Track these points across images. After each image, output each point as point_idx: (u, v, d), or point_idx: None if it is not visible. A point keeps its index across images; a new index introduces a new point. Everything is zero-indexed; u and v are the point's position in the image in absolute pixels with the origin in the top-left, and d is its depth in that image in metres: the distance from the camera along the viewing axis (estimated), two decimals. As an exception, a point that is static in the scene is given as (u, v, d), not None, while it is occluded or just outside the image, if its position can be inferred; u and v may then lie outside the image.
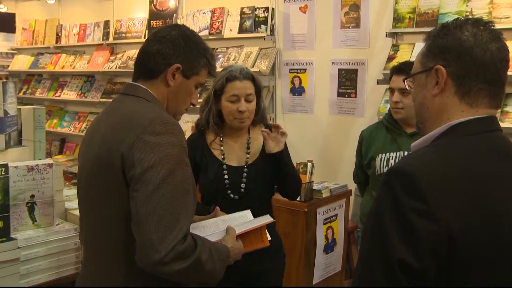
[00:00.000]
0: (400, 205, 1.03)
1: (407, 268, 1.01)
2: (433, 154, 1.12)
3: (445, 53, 1.14)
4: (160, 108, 1.52)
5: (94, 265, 1.53)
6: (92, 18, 5.76)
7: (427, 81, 1.18)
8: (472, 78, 1.12)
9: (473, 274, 1.05)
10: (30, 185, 1.94)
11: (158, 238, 1.30)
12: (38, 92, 6.20)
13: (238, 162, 2.26)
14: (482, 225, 1.04)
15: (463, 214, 1.03)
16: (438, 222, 1.00)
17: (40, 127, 2.23)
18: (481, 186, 1.06)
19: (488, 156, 1.11)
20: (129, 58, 5.19)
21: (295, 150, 3.95)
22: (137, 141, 1.37)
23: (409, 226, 1.01)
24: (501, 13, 3.06)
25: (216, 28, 4.47)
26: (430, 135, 1.18)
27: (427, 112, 1.20)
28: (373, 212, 1.10)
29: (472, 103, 1.13)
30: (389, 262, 1.02)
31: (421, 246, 1.00)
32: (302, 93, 4.15)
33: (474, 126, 1.13)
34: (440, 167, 1.07)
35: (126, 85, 1.61)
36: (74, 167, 5.35)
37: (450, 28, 1.16)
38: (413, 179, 1.03)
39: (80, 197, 1.58)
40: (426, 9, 3.35)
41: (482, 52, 1.11)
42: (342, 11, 3.88)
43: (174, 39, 1.54)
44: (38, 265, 1.87)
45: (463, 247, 1.02)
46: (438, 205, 1.01)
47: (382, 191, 1.09)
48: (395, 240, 1.02)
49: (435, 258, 1.01)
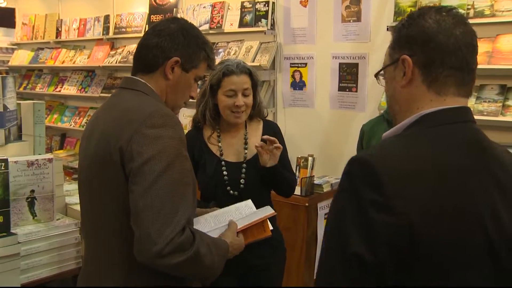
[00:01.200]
0: (359, 197, 0.98)
1: (361, 262, 0.96)
2: (398, 144, 1.08)
3: (410, 43, 1.12)
4: (159, 101, 1.52)
5: (95, 260, 1.52)
6: (92, 13, 5.74)
7: (396, 73, 1.16)
8: (438, 65, 1.09)
9: (434, 271, 0.99)
10: (30, 180, 1.94)
11: (156, 230, 1.30)
12: (38, 87, 6.19)
13: (237, 158, 2.25)
14: (446, 221, 0.99)
15: (426, 208, 0.97)
16: (398, 215, 0.95)
17: (40, 122, 2.23)
18: (447, 180, 1.01)
19: (458, 148, 1.06)
20: (129, 53, 5.17)
21: (296, 144, 3.96)
22: (136, 134, 1.36)
23: (367, 219, 0.96)
24: (503, 6, 3.04)
25: (216, 22, 4.45)
26: (401, 125, 1.13)
27: (397, 104, 1.17)
28: (333, 202, 1.06)
29: (440, 91, 1.10)
30: (344, 255, 0.97)
31: (378, 240, 0.95)
32: (303, 87, 4.14)
33: (443, 116, 1.09)
34: (404, 158, 1.02)
35: (125, 79, 1.60)
36: (74, 162, 5.35)
37: (414, 18, 1.14)
38: (374, 170, 0.99)
39: (81, 192, 1.58)
40: (427, 3, 3.32)
41: (446, 37, 1.09)
42: (343, 5, 3.86)
43: (173, 32, 1.53)
44: (38, 260, 1.87)
45: (425, 242, 0.97)
46: (399, 197, 0.96)
47: (342, 180, 1.05)
48: (351, 233, 0.97)
49: (393, 252, 0.96)
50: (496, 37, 3.10)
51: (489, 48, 3.08)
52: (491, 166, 1.09)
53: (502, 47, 3.04)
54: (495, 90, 3.12)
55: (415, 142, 1.06)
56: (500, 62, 3.00)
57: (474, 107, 3.10)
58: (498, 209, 1.07)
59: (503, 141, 3.13)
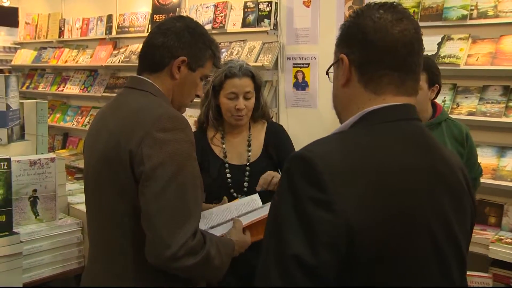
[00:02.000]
0: (298, 194, 0.94)
1: (301, 264, 0.90)
2: (339, 141, 1.04)
3: (349, 42, 1.10)
4: (165, 102, 1.51)
5: (102, 261, 1.52)
6: (95, 12, 5.75)
7: (338, 72, 1.13)
8: (373, 64, 1.06)
9: (376, 275, 0.94)
10: (33, 179, 1.94)
11: (169, 234, 1.31)
12: (41, 86, 6.20)
13: (240, 161, 2.25)
14: (387, 221, 0.94)
15: (366, 207, 0.93)
16: (336, 212, 0.91)
17: (42, 121, 2.23)
18: (389, 178, 0.97)
19: (402, 146, 1.03)
20: (132, 53, 5.18)
21: (298, 144, 3.93)
22: (146, 137, 1.36)
23: (306, 217, 0.92)
24: (507, 6, 3.03)
25: (219, 22, 4.45)
26: (345, 124, 1.10)
27: (340, 104, 1.15)
28: (273, 201, 1.01)
29: (376, 90, 1.06)
30: (283, 258, 0.92)
31: (318, 239, 0.90)
32: (305, 87, 4.13)
33: (386, 114, 1.05)
34: (344, 156, 0.98)
35: (130, 78, 1.59)
36: (77, 161, 5.36)
37: (357, 15, 1.10)
38: (313, 166, 0.94)
39: (87, 192, 1.58)
40: (430, 3, 3.32)
41: (382, 37, 1.05)
42: (346, 5, 3.86)
43: (179, 31, 1.52)
44: (40, 259, 1.87)
45: (363, 243, 0.92)
46: (338, 194, 0.92)
47: (281, 179, 1.01)
48: (290, 233, 0.92)
49: (334, 253, 0.91)
50: (500, 38, 3.09)
51: (493, 49, 3.08)
52: (438, 166, 1.05)
53: (506, 48, 3.03)
54: (498, 91, 3.10)
55: (358, 139, 1.03)
56: (503, 63, 2.99)
57: (477, 108, 3.09)
58: (446, 212, 1.03)
59: (506, 143, 3.12)
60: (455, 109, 3.16)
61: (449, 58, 3.16)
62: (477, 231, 2.93)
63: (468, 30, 3.23)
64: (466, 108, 3.14)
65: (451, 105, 3.19)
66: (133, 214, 1.39)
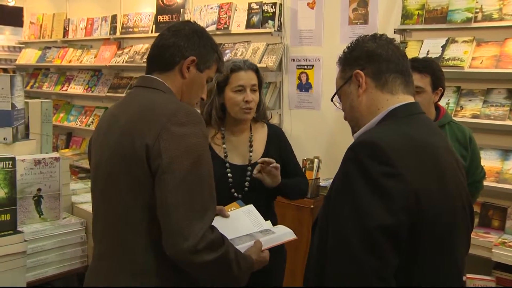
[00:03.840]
0: (370, 173, 1.15)
1: (385, 230, 1.12)
2: (387, 128, 1.28)
3: (358, 60, 1.36)
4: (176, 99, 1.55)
5: (109, 258, 1.52)
6: (100, 13, 5.76)
7: (351, 89, 1.38)
8: (385, 71, 1.33)
9: (436, 227, 1.20)
10: (37, 179, 1.95)
11: (187, 226, 1.33)
12: (45, 86, 6.22)
13: (242, 161, 2.24)
14: (438, 184, 1.22)
15: (424, 177, 1.19)
16: (406, 182, 1.15)
17: (47, 121, 2.24)
18: (430, 154, 1.25)
19: (427, 131, 1.31)
20: (136, 53, 5.19)
21: (302, 146, 3.95)
22: (163, 131, 1.39)
23: (382, 190, 1.14)
24: (511, 10, 3.03)
25: (223, 23, 4.46)
26: (371, 122, 1.33)
27: (358, 112, 1.37)
28: (341, 188, 1.22)
29: (392, 91, 1.33)
30: (367, 230, 1.12)
31: (395, 204, 1.13)
32: (309, 89, 4.14)
33: (407, 110, 1.32)
34: (397, 138, 1.23)
35: (141, 77, 1.63)
36: (80, 161, 5.37)
37: (356, 44, 1.39)
38: (380, 147, 1.17)
39: (95, 189, 1.58)
40: (435, 6, 3.32)
41: (385, 51, 1.35)
42: (350, 7, 3.86)
43: (188, 33, 1.58)
44: (44, 258, 1.88)
45: (427, 205, 1.17)
46: (404, 168, 1.16)
47: (347, 167, 1.21)
48: (371, 208, 1.13)
49: (408, 214, 1.14)
50: (504, 41, 3.09)
51: (497, 52, 3.07)
52: (449, 146, 1.38)
53: (510, 51, 3.03)
54: (502, 94, 3.10)
55: (398, 128, 1.27)
56: (508, 66, 2.99)
57: (481, 111, 3.09)
58: (459, 178, 1.34)
59: (510, 146, 3.12)
60: (459, 111, 3.16)
61: (454, 61, 3.16)
62: (480, 234, 2.93)
63: (472, 33, 3.23)
64: (470, 111, 3.14)
65: (455, 107, 3.19)
66: (145, 209, 1.42)
